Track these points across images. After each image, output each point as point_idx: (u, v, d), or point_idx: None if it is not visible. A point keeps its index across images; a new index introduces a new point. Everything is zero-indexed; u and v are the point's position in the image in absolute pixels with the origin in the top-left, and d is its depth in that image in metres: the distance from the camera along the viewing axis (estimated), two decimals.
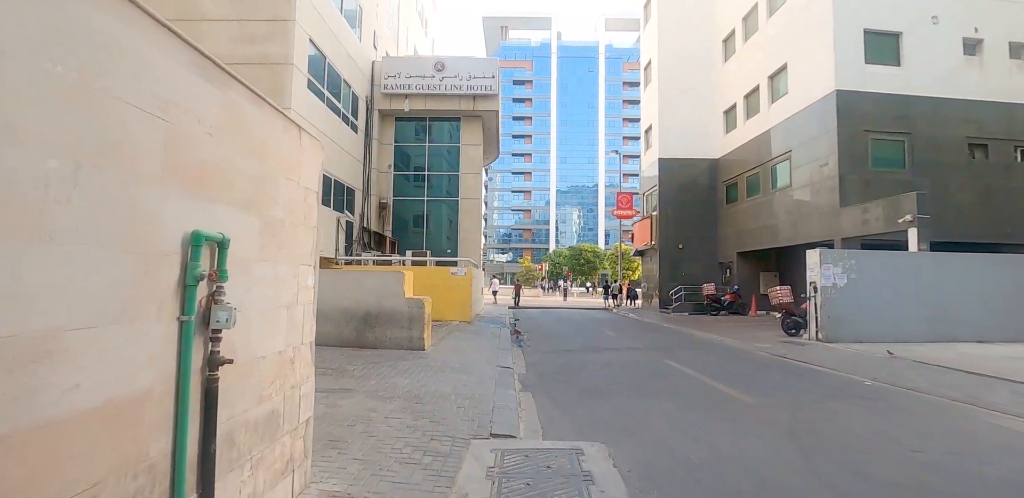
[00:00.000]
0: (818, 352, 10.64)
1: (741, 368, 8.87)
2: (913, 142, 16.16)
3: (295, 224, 2.95)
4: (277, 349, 2.73)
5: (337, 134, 16.69)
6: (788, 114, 18.34)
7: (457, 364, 8.18)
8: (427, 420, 4.99)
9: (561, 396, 6.41)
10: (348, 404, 5.49)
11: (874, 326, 11.89)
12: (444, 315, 14.48)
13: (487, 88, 20.15)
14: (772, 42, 19.56)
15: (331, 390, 6.13)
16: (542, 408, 5.75)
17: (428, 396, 5.94)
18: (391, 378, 6.92)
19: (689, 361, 9.42)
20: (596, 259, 58.67)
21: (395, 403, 5.59)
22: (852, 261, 12.05)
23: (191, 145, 1.99)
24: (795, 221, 18.18)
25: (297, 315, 2.99)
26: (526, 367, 8.71)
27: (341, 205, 17.20)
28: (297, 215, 2.99)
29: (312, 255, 3.20)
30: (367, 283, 9.47)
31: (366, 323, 9.30)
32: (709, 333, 14.44)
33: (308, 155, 3.17)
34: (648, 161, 27.05)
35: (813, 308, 12.11)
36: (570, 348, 11.28)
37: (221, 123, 2.19)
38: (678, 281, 23.64)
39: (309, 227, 3.16)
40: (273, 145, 2.68)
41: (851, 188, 15.70)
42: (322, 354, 8.49)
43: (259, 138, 2.53)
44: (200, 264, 1.98)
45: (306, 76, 14.00)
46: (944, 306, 12.25)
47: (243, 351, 2.38)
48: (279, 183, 2.76)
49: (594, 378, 7.68)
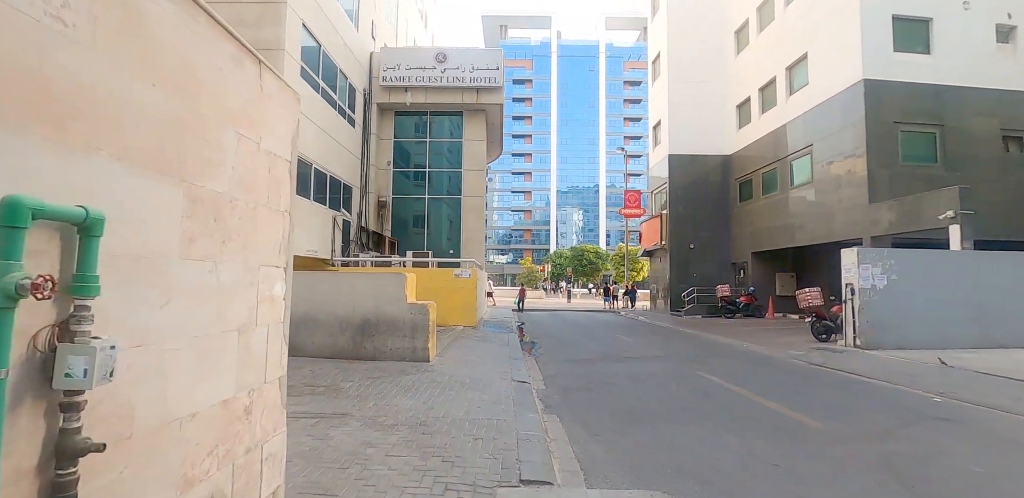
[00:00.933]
0: (861, 361, 9.68)
1: (784, 381, 7.90)
2: (944, 135, 15.22)
3: (253, 205, 1.97)
4: (220, 397, 1.76)
5: (333, 128, 15.71)
6: (809, 106, 17.39)
7: (467, 378, 7.20)
8: (438, 459, 4.02)
9: (594, 421, 5.43)
10: (341, 436, 4.51)
11: (916, 332, 10.92)
12: (447, 320, 13.50)
13: (491, 80, 19.19)
14: (791, 31, 18.63)
15: (322, 415, 5.15)
16: (576, 439, 4.77)
17: (437, 423, 4.96)
18: (393, 397, 5.94)
19: (725, 372, 8.44)
20: (599, 260, 57.70)
21: (398, 433, 4.61)
22: (892, 261, 11.09)
23: (18, 41, 1.03)
24: (816, 219, 17.22)
25: (257, 341, 2.01)
26: (544, 381, 7.74)
27: (338, 203, 16.21)
28: (257, 192, 2.01)
29: (282, 252, 2.22)
30: (365, 287, 8.49)
31: (364, 332, 8.31)
32: (731, 338, 13.48)
33: (276, 107, 2.19)
34: (657, 158, 26.10)
35: (850, 312, 11.14)
36: (588, 357, 10.30)
37: (95, 16, 1.22)
38: (689, 282, 22.67)
39: (277, 211, 2.18)
40: (211, 78, 1.70)
41: (880, 184, 14.75)
42: (314, 368, 7.51)
43: (181, 60, 1.55)
44: (21, 263, 1.01)
45: (299, 63, 13.03)
46: (989, 309, 11.29)
47: (149, 413, 1.41)
48: (224, 140, 1.78)
49: (626, 396, 6.70)
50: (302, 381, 6.71)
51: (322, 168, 14.83)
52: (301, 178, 13.40)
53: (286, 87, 2.27)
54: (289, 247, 2.30)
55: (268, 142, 2.09)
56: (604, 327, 17.56)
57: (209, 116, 1.69)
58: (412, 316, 8.33)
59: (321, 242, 14.83)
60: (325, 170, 15.10)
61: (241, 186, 1.88)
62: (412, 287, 8.65)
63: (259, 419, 2.02)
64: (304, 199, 13.66)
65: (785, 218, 19.04)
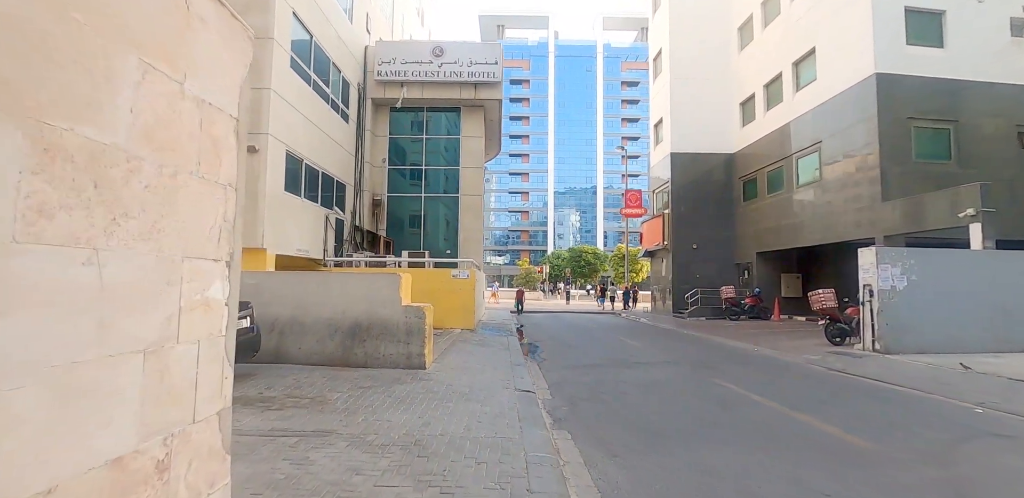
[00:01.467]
0: (883, 366, 9.13)
1: (808, 389, 7.33)
2: (959, 131, 14.73)
3: (173, 171, 1.38)
4: (107, 455, 1.16)
5: (326, 122, 15.10)
6: (817, 102, 16.88)
7: (466, 388, 6.61)
8: (436, 489, 3.42)
9: (611, 439, 4.85)
10: (323, 460, 3.91)
11: (937, 335, 10.40)
12: (445, 322, 12.90)
13: (490, 75, 18.60)
14: (797, 25, 18.13)
15: (303, 433, 4.55)
16: (593, 462, 4.18)
17: (434, 442, 4.37)
18: (384, 411, 5.34)
19: (742, 380, 7.87)
20: (597, 261, 57.15)
21: (390, 456, 4.02)
22: (912, 261, 10.56)
23: None
24: (824, 218, 16.71)
25: (179, 364, 1.41)
26: (550, 389, 7.14)
27: (330, 201, 15.59)
28: (180, 154, 1.42)
29: (223, 240, 1.63)
30: (357, 288, 7.88)
31: (354, 336, 7.70)
32: (740, 341, 12.93)
33: (214, 42, 1.59)
34: (658, 157, 25.57)
35: (868, 314, 10.60)
36: (594, 362, 9.72)
37: None
38: (692, 283, 22.11)
39: (214, 183, 1.59)
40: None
41: (893, 181, 14.24)
42: (299, 376, 6.90)
43: None
44: None
45: (289, 53, 12.43)
46: (1012, 311, 10.77)
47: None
48: (116, 68, 1.19)
49: (641, 407, 6.12)
50: (285, 392, 6.11)
51: (314, 164, 14.22)
52: (291, 174, 12.78)
53: (232, 19, 1.68)
54: (236, 234, 1.71)
55: (199, 86, 1.49)
56: (606, 329, 16.98)
57: (88, 28, 1.10)
58: (407, 319, 7.73)
59: (313, 241, 14.21)
60: (317, 166, 14.49)
61: (149, 141, 1.28)
62: (407, 288, 8.05)
63: (184, 476, 1.43)
64: (295, 196, 13.05)
65: (791, 217, 18.53)
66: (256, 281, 7.85)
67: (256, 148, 11.14)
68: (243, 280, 7.38)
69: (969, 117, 14.75)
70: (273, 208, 11.58)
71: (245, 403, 5.56)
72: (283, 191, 12.25)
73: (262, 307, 7.46)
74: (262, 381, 6.62)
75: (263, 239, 11.18)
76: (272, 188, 11.57)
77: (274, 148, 11.68)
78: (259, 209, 11.12)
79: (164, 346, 1.35)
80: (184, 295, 1.43)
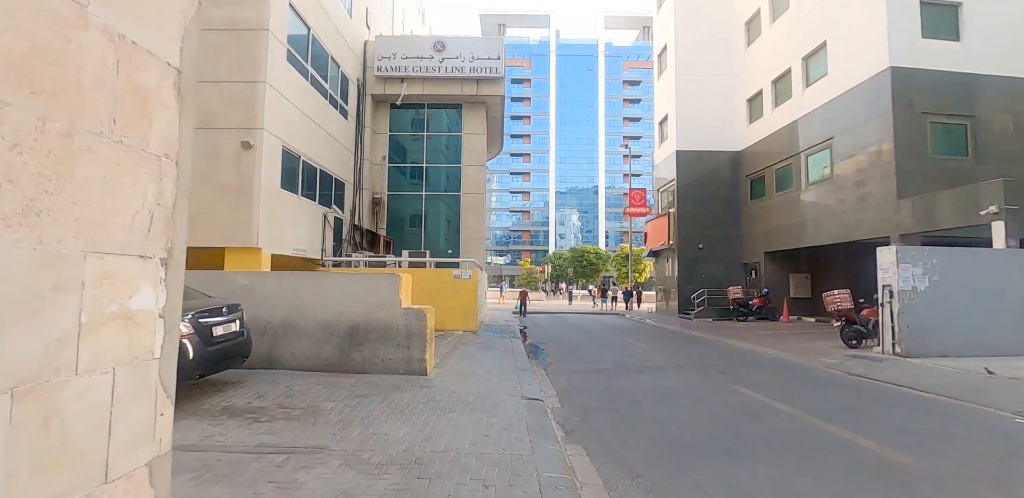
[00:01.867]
0: (906, 371, 8.70)
1: (833, 397, 6.90)
2: (975, 126, 14.29)
3: (69, 130, 0.96)
4: None
5: (324, 118, 14.68)
6: (829, 97, 16.43)
7: (470, 396, 6.19)
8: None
9: (631, 455, 4.42)
10: (313, 482, 3.49)
11: (960, 338, 9.97)
12: (446, 324, 12.48)
13: (492, 70, 18.17)
14: (807, 19, 17.69)
15: (293, 450, 4.14)
16: (613, 483, 3.76)
17: (436, 460, 3.95)
18: (382, 423, 4.93)
19: (762, 386, 7.45)
20: (600, 261, 56.69)
21: (387, 477, 3.60)
22: (934, 260, 10.13)
23: None
24: (835, 217, 16.26)
25: (77, 404, 0.99)
26: (559, 397, 6.73)
27: (329, 200, 15.18)
28: (84, 108, 1.00)
29: (158, 230, 1.21)
30: (354, 289, 7.46)
31: (352, 340, 7.28)
32: (751, 343, 12.50)
33: None
34: (663, 154, 25.12)
35: (888, 316, 10.17)
36: (602, 366, 9.29)
37: None
38: (697, 284, 21.67)
39: (141, 153, 1.17)
40: None
41: (909, 178, 13.79)
42: (292, 384, 6.49)
43: None
44: None
45: (285, 46, 12.01)
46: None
47: None
48: None
49: (659, 418, 5.70)
50: (276, 401, 5.69)
51: (311, 161, 13.80)
52: (288, 171, 12.37)
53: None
54: (178, 223, 1.29)
55: (113, 15, 1.07)
56: (612, 331, 16.55)
57: None
58: (407, 322, 7.31)
59: (310, 241, 13.80)
60: (315, 163, 14.07)
61: (18, 77, 0.86)
62: (407, 289, 7.63)
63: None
64: (292, 194, 12.63)
65: (800, 216, 18.09)
66: (249, 282, 7.44)
67: (251, 143, 10.73)
68: (236, 281, 6.91)
69: (986, 112, 14.32)
70: (268, 206, 11.16)
71: (232, 414, 5.15)
72: (279, 188, 11.83)
73: (254, 309, 7.05)
74: (252, 389, 6.21)
75: (258, 238, 10.77)
76: (268, 185, 11.15)
77: (270, 144, 11.27)
78: (254, 207, 10.71)
79: (49, 381, 0.93)
80: (88, 306, 1.01)
